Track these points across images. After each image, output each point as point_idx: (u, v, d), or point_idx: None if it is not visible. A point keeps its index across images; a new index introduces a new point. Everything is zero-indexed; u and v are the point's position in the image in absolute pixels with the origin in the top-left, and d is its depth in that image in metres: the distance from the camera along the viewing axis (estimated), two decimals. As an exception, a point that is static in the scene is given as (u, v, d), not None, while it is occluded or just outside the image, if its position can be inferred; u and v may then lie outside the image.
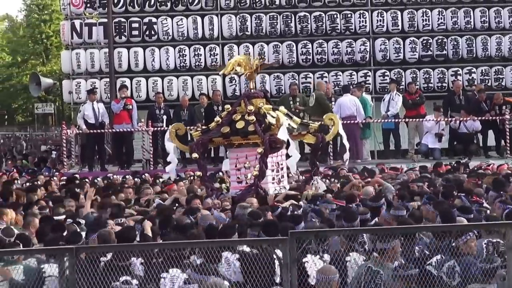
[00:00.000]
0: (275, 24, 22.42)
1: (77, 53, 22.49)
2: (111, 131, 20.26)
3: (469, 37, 22.46)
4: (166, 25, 22.40)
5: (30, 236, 9.25)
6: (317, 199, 11.62)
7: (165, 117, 20.01)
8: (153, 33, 22.47)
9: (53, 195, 13.78)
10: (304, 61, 22.36)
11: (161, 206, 11.82)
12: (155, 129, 19.65)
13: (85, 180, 15.91)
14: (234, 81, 22.08)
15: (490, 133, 20.57)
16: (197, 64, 22.27)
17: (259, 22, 22.40)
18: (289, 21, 22.43)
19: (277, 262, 7.53)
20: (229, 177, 14.03)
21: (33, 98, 49.21)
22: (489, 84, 22.24)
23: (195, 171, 14.72)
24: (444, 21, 22.50)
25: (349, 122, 19.07)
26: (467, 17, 22.45)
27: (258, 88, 17.81)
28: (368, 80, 22.16)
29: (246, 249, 7.95)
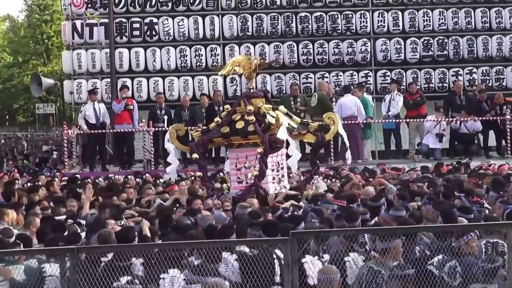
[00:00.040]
0: (276, 24, 22.42)
1: (78, 53, 22.51)
2: (112, 131, 20.27)
3: (470, 37, 22.47)
4: (167, 26, 22.40)
5: (31, 236, 9.26)
6: (317, 199, 11.62)
7: (166, 117, 20.00)
8: (154, 33, 22.48)
9: (54, 195, 13.78)
10: (305, 61, 22.36)
11: (161, 206, 11.83)
12: (156, 129, 19.64)
13: (87, 180, 15.91)
14: (235, 81, 22.09)
15: (491, 133, 20.58)
16: (198, 64, 22.28)
17: (260, 22, 22.40)
18: (290, 22, 22.43)
19: (277, 262, 7.54)
20: (229, 177, 14.05)
21: (34, 98, 49.19)
22: (490, 85, 22.25)
23: (196, 171, 14.71)
24: (445, 21, 22.50)
25: (350, 122, 19.08)
26: (468, 18, 22.45)
27: (258, 88, 17.80)
28: (369, 81, 22.16)
29: (245, 249, 7.94)
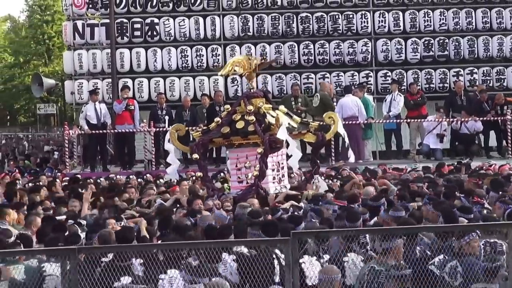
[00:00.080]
0: (277, 24, 22.42)
1: (79, 53, 22.51)
2: (113, 131, 20.28)
3: (471, 38, 22.46)
4: (168, 26, 22.40)
5: (32, 236, 9.26)
6: (318, 199, 11.61)
7: (167, 117, 20.01)
8: (155, 33, 22.48)
9: (56, 195, 13.78)
10: (306, 61, 22.36)
11: (162, 207, 11.83)
12: (157, 129, 19.65)
13: (89, 181, 15.90)
14: (236, 81, 22.08)
15: (492, 134, 20.59)
16: (199, 64, 22.28)
17: (261, 22, 22.40)
18: (291, 22, 22.43)
19: (276, 262, 7.54)
20: (230, 177, 14.05)
21: (35, 98, 49.20)
22: (491, 85, 22.22)
23: (197, 171, 14.71)
24: (446, 21, 22.49)
25: (351, 122, 19.10)
26: (469, 18, 22.43)
27: (259, 88, 17.79)
28: (370, 81, 22.16)
29: (243, 250, 7.93)
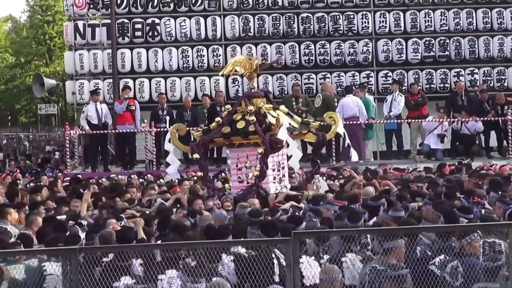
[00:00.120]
0: (278, 25, 22.43)
1: (80, 54, 22.51)
2: (114, 131, 20.30)
3: (471, 38, 22.46)
4: (169, 26, 22.40)
5: (33, 236, 9.27)
6: (318, 200, 11.60)
7: (168, 118, 20.01)
8: (156, 34, 22.47)
9: (57, 195, 13.78)
10: (307, 62, 22.37)
11: (161, 207, 11.84)
12: (158, 130, 19.66)
13: (91, 181, 15.90)
14: (237, 82, 22.09)
15: (493, 134, 20.60)
16: (200, 65, 22.29)
17: (262, 23, 22.40)
18: (292, 22, 22.43)
19: (276, 262, 7.55)
20: (230, 177, 14.06)
21: (36, 99, 49.21)
22: (491, 85, 22.23)
23: (198, 172, 14.71)
24: (447, 22, 22.49)
25: (351, 122, 19.12)
26: (470, 18, 22.43)
27: (260, 88, 17.79)
28: (371, 81, 22.17)
29: (240, 250, 7.92)
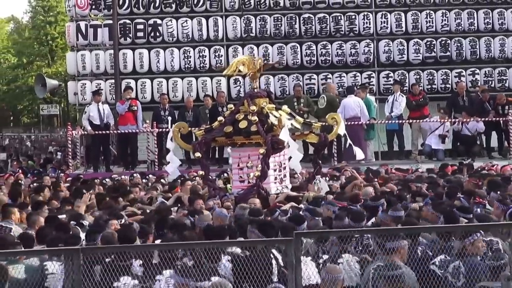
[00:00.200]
0: (280, 25, 22.45)
1: (82, 54, 22.53)
2: (116, 132, 20.34)
3: (473, 39, 22.49)
4: (171, 27, 22.43)
5: (33, 236, 9.27)
6: (318, 202, 11.59)
7: (169, 118, 20.02)
8: (158, 34, 22.49)
9: (60, 194, 13.79)
10: (308, 62, 22.40)
11: (161, 206, 11.86)
12: (160, 130, 19.70)
13: (96, 181, 15.93)
14: (238, 82, 22.12)
15: (494, 134, 20.63)
16: (201, 65, 22.32)
17: (263, 23, 22.43)
18: (294, 23, 22.46)
19: (274, 262, 7.57)
20: (231, 176, 14.07)
21: (38, 99, 49.29)
22: (493, 85, 22.26)
23: (199, 171, 14.69)
24: (448, 22, 22.50)
25: (353, 123, 19.15)
26: (471, 19, 22.44)
27: (263, 88, 17.82)
28: (372, 82, 22.19)
29: (237, 250, 7.93)
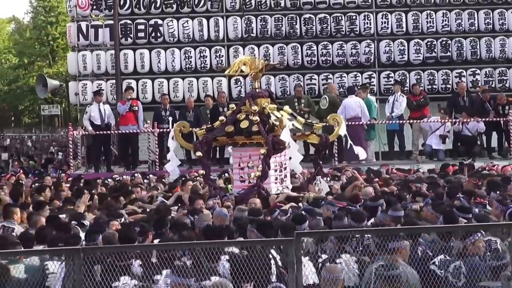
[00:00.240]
0: (280, 26, 22.46)
1: (83, 55, 22.54)
2: (117, 132, 20.36)
3: (473, 39, 22.49)
4: (172, 27, 22.44)
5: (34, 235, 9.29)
6: (318, 202, 11.60)
7: (170, 118, 20.05)
8: (159, 35, 22.50)
9: (61, 194, 13.83)
10: (309, 62, 22.41)
11: (161, 206, 11.88)
12: (161, 130, 19.73)
13: (98, 181, 15.95)
14: (239, 82, 22.14)
15: (494, 135, 20.65)
16: (202, 65, 22.33)
17: (264, 24, 22.44)
18: (294, 23, 22.47)
19: (273, 262, 7.59)
20: (232, 175, 14.09)
21: (39, 99, 49.34)
22: (493, 86, 22.27)
23: (200, 171, 14.69)
24: (448, 23, 22.51)
25: (354, 123, 19.17)
26: (471, 19, 22.45)
27: (264, 89, 17.82)
28: (373, 82, 22.19)
29: (235, 250, 7.95)
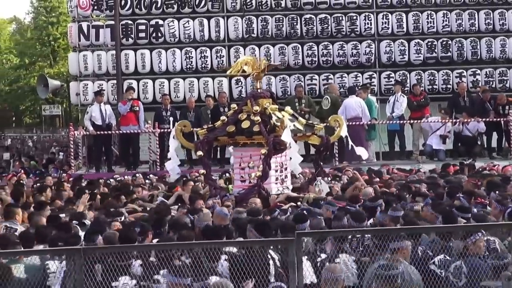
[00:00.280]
0: (281, 26, 22.48)
1: (84, 55, 22.58)
2: (118, 132, 20.39)
3: (474, 39, 22.50)
4: (173, 28, 22.47)
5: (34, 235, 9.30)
6: (318, 203, 11.59)
7: (171, 118, 20.05)
8: (159, 35, 22.53)
9: (63, 194, 13.86)
10: (310, 63, 22.43)
11: (161, 205, 11.91)
12: (162, 130, 19.75)
13: (101, 181, 15.96)
14: (240, 83, 22.17)
15: (494, 135, 20.67)
16: (203, 66, 22.36)
17: (265, 24, 22.46)
18: (295, 23, 22.49)
19: (271, 262, 7.61)
20: (233, 175, 14.10)
21: (40, 100, 49.38)
22: (493, 86, 22.28)
23: (201, 170, 14.69)
24: (449, 23, 22.52)
25: (354, 123, 19.20)
26: (472, 19, 22.47)
27: (266, 89, 17.84)
28: (373, 82, 22.21)
29: (233, 249, 7.96)
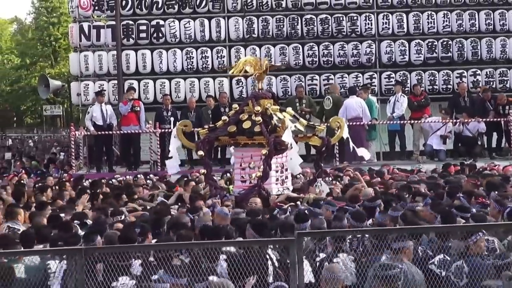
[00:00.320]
0: (282, 26, 22.51)
1: (85, 55, 22.60)
2: (119, 132, 20.41)
3: (474, 40, 22.52)
4: (174, 28, 22.49)
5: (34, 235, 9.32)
6: (318, 203, 11.61)
7: (172, 119, 20.04)
8: (160, 35, 22.56)
9: (65, 194, 13.88)
10: (311, 63, 22.45)
11: (160, 206, 11.93)
12: (163, 130, 19.78)
13: (103, 181, 15.98)
14: (241, 83, 22.19)
15: (495, 135, 20.68)
16: (204, 66, 22.38)
17: (265, 24, 22.48)
18: (296, 24, 22.51)
19: (270, 262, 7.64)
20: (233, 175, 14.12)
21: (41, 100, 49.32)
22: (494, 86, 22.29)
23: (202, 170, 14.70)
24: (449, 23, 22.54)
25: (355, 123, 19.21)
26: (472, 20, 22.50)
27: (268, 90, 17.86)
28: (374, 82, 22.23)
29: (232, 249, 8.00)
